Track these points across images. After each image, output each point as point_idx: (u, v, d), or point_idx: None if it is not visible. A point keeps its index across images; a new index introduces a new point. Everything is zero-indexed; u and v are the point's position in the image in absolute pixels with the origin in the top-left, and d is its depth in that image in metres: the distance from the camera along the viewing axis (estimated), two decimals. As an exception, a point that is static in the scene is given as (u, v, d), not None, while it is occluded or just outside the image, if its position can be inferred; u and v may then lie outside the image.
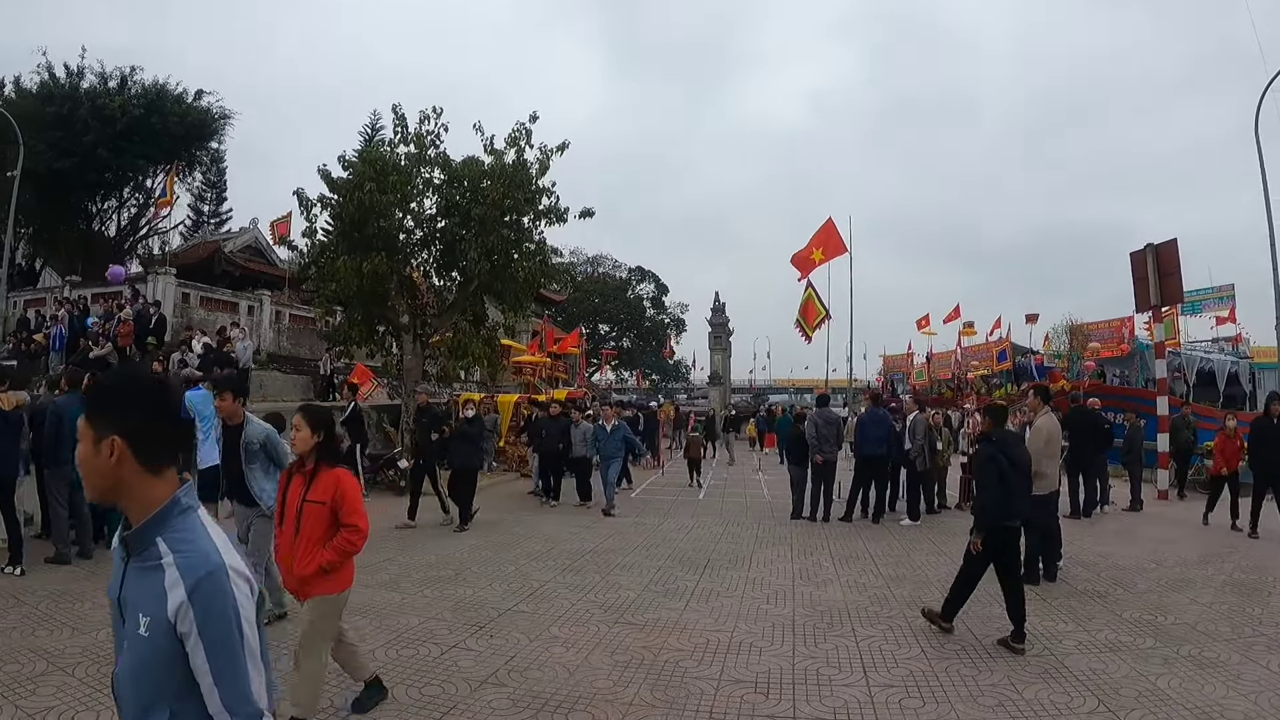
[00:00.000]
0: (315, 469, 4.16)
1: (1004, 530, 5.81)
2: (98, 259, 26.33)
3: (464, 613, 6.46)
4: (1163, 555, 8.97)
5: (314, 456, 4.17)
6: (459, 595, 7.08)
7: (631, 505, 13.84)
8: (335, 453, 4.31)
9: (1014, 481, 5.80)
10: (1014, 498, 5.80)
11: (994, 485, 5.77)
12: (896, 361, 50.90)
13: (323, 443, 4.18)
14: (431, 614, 6.42)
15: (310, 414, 4.27)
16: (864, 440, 11.74)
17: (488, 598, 7.01)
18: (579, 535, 10.43)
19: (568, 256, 64.97)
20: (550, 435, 13.48)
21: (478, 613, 6.49)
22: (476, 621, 6.22)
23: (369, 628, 5.94)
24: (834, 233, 25.17)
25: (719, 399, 40.30)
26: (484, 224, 16.74)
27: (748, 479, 18.73)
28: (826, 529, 11.08)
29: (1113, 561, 8.60)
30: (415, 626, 6.06)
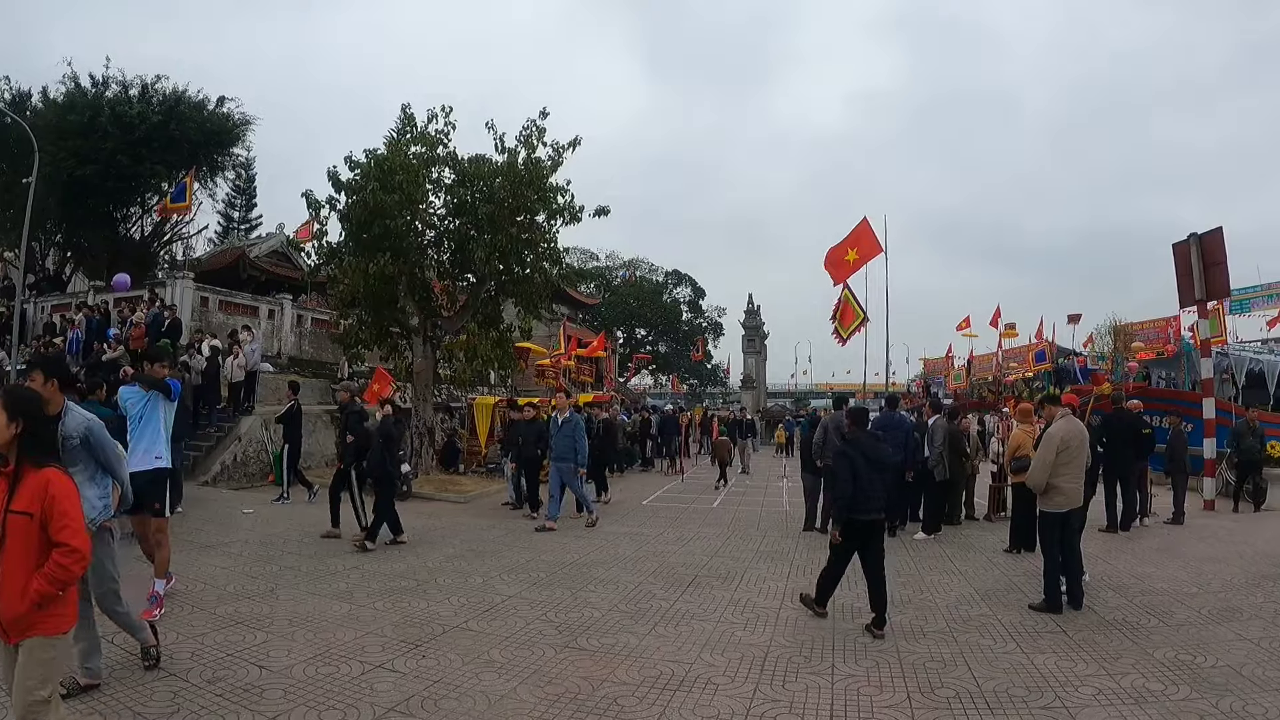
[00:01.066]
0: (18, 470, 3.16)
1: (863, 523, 6.28)
2: (124, 265, 26.48)
3: (407, 628, 5.95)
4: (1206, 578, 7.93)
5: (14, 452, 3.19)
6: (411, 609, 6.57)
7: (637, 514, 13.13)
8: (44, 447, 3.31)
9: (867, 478, 6.20)
10: (869, 493, 6.22)
11: (846, 480, 6.22)
12: (936, 365, 49.60)
13: (25, 434, 3.20)
14: (371, 629, 5.94)
15: (7, 398, 3.26)
16: None
17: (440, 613, 6.47)
18: (567, 546, 9.74)
19: (603, 260, 64.70)
20: (527, 441, 12.60)
21: (421, 629, 5.96)
22: (415, 639, 5.70)
23: (299, 640, 5.54)
24: (869, 233, 24.38)
25: (752, 403, 39.35)
26: (494, 223, 16.21)
27: (770, 487, 17.86)
28: (812, 539, 10.20)
29: (1149, 584, 7.61)
30: (347, 642, 5.58)
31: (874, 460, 6.37)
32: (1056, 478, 6.72)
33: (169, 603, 6.32)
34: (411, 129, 16.76)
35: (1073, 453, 6.80)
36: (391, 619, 6.23)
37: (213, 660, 5.10)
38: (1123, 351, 31.39)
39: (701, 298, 65.21)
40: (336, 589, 7.18)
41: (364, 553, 8.91)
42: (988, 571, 8.35)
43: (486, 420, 20.08)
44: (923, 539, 10.35)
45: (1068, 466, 6.75)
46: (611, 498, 14.54)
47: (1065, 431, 6.87)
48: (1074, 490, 6.79)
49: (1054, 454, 6.75)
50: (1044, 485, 6.79)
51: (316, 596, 6.87)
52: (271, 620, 6.06)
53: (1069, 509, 6.76)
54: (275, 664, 5.06)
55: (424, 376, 17.41)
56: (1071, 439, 6.84)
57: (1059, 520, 6.77)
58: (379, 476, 9.67)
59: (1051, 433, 6.98)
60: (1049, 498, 6.82)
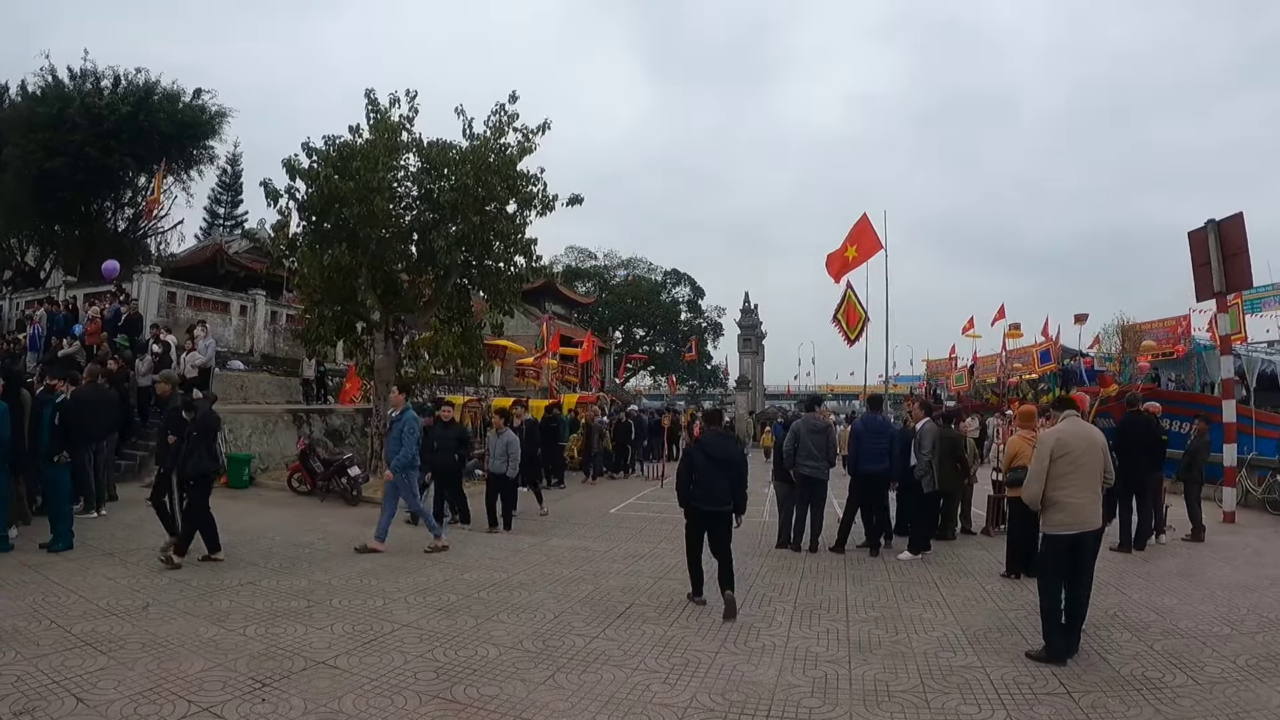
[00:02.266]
0: None
1: (706, 513, 6.84)
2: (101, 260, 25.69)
3: (265, 661, 5.13)
4: (1239, 613, 6.67)
5: None
6: (283, 636, 5.71)
7: (598, 525, 11.92)
8: None
9: (706, 474, 6.78)
10: (709, 488, 6.79)
11: (685, 474, 6.96)
12: (939, 366, 48.38)
13: None
14: (226, 659, 5.15)
15: None
16: (859, 454, 9.60)
17: (314, 643, 5.57)
18: (499, 564, 8.58)
19: (601, 259, 63.58)
20: (444, 446, 11.16)
21: (281, 663, 5.12)
22: (267, 676, 4.88)
23: (139, 670, 4.87)
24: (869, 229, 23.39)
25: (747, 404, 38.07)
26: (456, 211, 15.09)
27: (754, 494, 16.48)
28: (809, 563, 8.96)
29: (1171, 622, 6.35)
30: (191, 675, 4.84)
31: (716, 458, 6.86)
32: (1056, 490, 5.48)
33: (26, 619, 5.81)
34: (376, 114, 15.65)
35: (1076, 459, 5.50)
36: (255, 648, 5.39)
37: (35, 687, 4.52)
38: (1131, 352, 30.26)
39: (701, 297, 63.96)
40: (215, 608, 6.36)
41: (172, 568, 7.74)
42: (979, 604, 7.09)
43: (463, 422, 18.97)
44: (908, 559, 9.10)
45: (1071, 477, 5.47)
46: (548, 510, 12.75)
47: (1064, 434, 5.62)
48: (1081, 505, 5.47)
49: (1046, 461, 5.52)
50: (1039, 499, 5.58)
51: (188, 616, 6.10)
52: (124, 643, 5.40)
53: (1078, 530, 5.47)
54: (96, 697, 4.42)
55: (385, 374, 16.25)
56: (1072, 443, 5.56)
57: (1063, 545, 5.51)
58: (195, 475, 8.28)
59: (1045, 436, 5.78)
60: (1049, 515, 5.57)
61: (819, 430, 9.75)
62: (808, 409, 10.34)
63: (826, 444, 9.75)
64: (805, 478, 9.67)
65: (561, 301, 47.50)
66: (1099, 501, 5.57)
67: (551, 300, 45.45)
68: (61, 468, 8.87)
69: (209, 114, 28.22)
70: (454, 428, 11.56)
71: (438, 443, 11.06)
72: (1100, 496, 5.59)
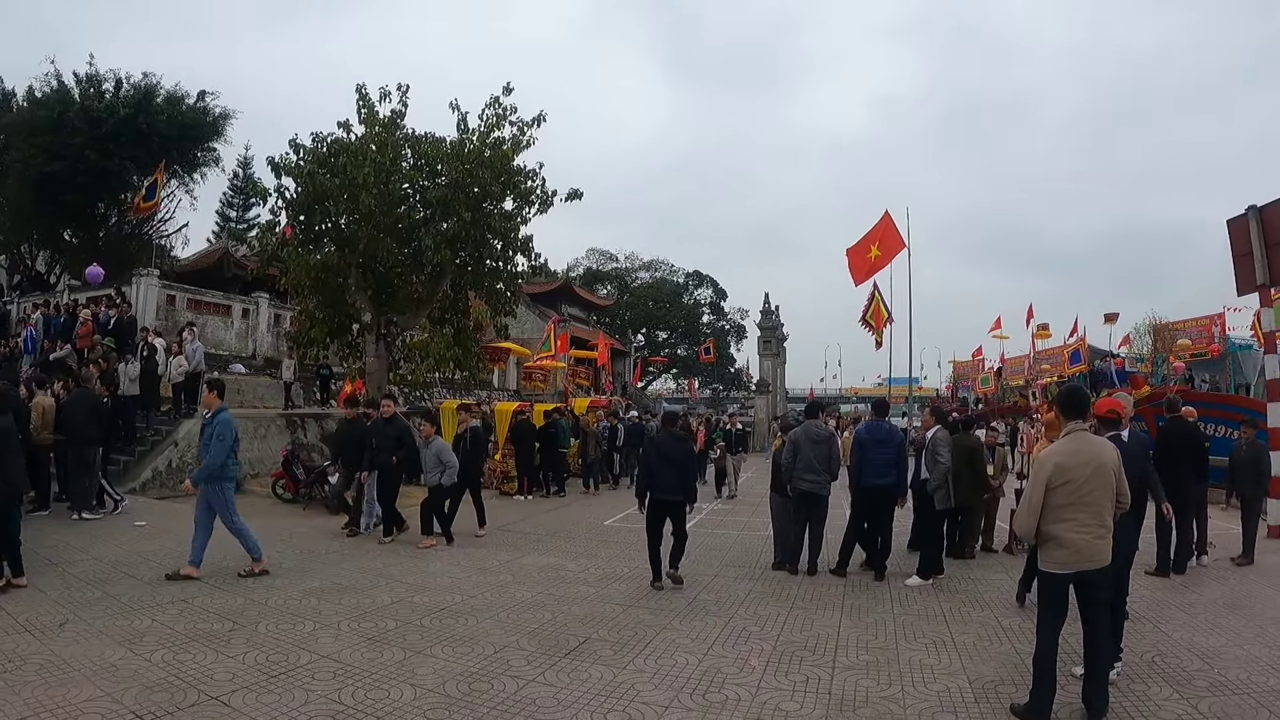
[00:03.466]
0: None
1: (660, 501, 7.89)
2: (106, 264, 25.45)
3: (156, 694, 4.63)
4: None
5: None
6: (189, 665, 5.18)
7: (587, 538, 11.10)
8: None
9: (657, 469, 7.91)
10: (658, 480, 7.87)
11: (643, 470, 8.28)
12: (965, 368, 47.08)
13: None
14: (117, 689, 4.68)
15: None
16: (863, 465, 8.58)
17: (217, 674, 5.03)
18: (459, 584, 7.79)
19: (622, 261, 62.80)
20: (381, 446, 10.15)
21: (171, 696, 4.62)
22: (148, 711, 4.39)
23: (21, 697, 4.49)
24: (891, 228, 22.72)
25: (767, 408, 36.99)
26: (445, 207, 14.40)
27: (762, 505, 15.49)
28: (803, 589, 7.99)
29: (1218, 672, 5.33)
30: (71, 705, 4.41)
31: (665, 455, 7.98)
32: (1055, 523, 4.52)
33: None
34: (367, 109, 15.01)
35: (1078, 488, 4.50)
36: (153, 677, 4.91)
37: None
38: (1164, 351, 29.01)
39: (723, 299, 62.87)
40: (133, 629, 5.93)
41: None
42: (992, 645, 6.07)
43: (451, 427, 18.20)
44: (917, 586, 8.10)
45: (1072, 509, 4.48)
46: (486, 531, 11.12)
47: (1064, 457, 4.59)
48: (1084, 542, 4.48)
49: (1042, 490, 4.56)
50: (1033, 533, 4.63)
51: (101, 637, 5.68)
52: (22, 663, 5.07)
53: (1078, 569, 4.50)
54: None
55: (377, 377, 15.60)
56: (1074, 468, 4.54)
57: (1062, 586, 4.57)
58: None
59: (1042, 459, 4.75)
60: (1046, 551, 4.61)
61: (820, 440, 8.79)
62: (808, 415, 9.38)
63: (829, 455, 8.74)
64: (804, 494, 8.73)
65: (579, 304, 46.81)
66: (1107, 535, 4.55)
67: (569, 303, 44.78)
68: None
69: (212, 116, 27.82)
70: (395, 424, 10.44)
71: (376, 440, 10.18)
72: (1110, 528, 4.56)
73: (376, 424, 10.43)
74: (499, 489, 16.41)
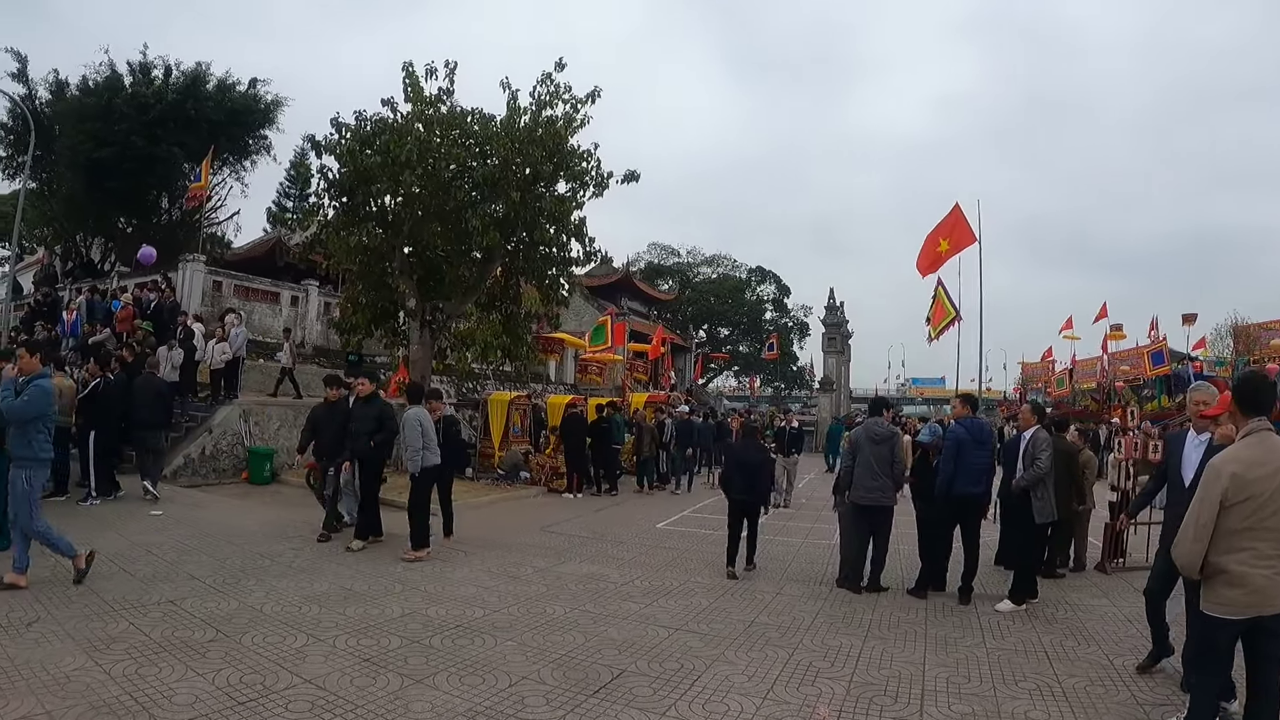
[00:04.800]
0: None
1: (738, 501, 8.54)
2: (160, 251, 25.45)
3: (98, 717, 3.96)
4: None
5: None
6: (151, 681, 4.48)
7: (635, 543, 10.14)
8: None
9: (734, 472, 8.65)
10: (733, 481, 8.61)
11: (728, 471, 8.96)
12: (1035, 370, 44.93)
13: None
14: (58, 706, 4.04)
15: None
16: (958, 470, 7.31)
17: (178, 695, 4.28)
18: (486, 594, 6.89)
19: (684, 256, 61.74)
20: (360, 430, 8.75)
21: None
22: None
23: None
24: (961, 220, 21.70)
25: (831, 408, 35.56)
26: (493, 188, 13.59)
27: (827, 510, 14.34)
28: (878, 613, 6.87)
29: None
30: None
31: (741, 461, 8.59)
32: (1226, 553, 3.41)
33: None
34: (413, 86, 14.30)
35: (1261, 506, 3.37)
36: (106, 694, 4.22)
37: None
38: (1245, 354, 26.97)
39: (787, 295, 61.00)
40: (104, 633, 5.27)
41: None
42: (1108, 691, 4.92)
43: (501, 419, 17.47)
44: (1009, 612, 6.95)
45: (1252, 534, 3.37)
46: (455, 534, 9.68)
47: (1244, 464, 3.44)
48: (1264, 580, 3.36)
49: (1215, 507, 3.44)
50: (1198, 565, 3.51)
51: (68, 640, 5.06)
52: None
53: (1254, 613, 3.40)
54: None
55: (421, 366, 14.91)
56: (1259, 479, 3.40)
57: (1229, 633, 3.49)
58: None
59: (1215, 467, 3.55)
60: (1213, 589, 3.50)
61: (881, 440, 7.71)
62: (871, 412, 8.35)
63: (891, 458, 7.68)
64: (861, 507, 7.72)
65: (640, 298, 45.91)
66: None
67: (629, 296, 43.93)
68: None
69: (264, 103, 27.56)
70: (374, 404, 9.00)
71: (355, 425, 8.83)
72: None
73: (355, 405, 9.12)
74: (548, 486, 15.59)
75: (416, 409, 8.74)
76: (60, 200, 26.98)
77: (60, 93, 25.90)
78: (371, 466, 8.90)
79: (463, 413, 20.10)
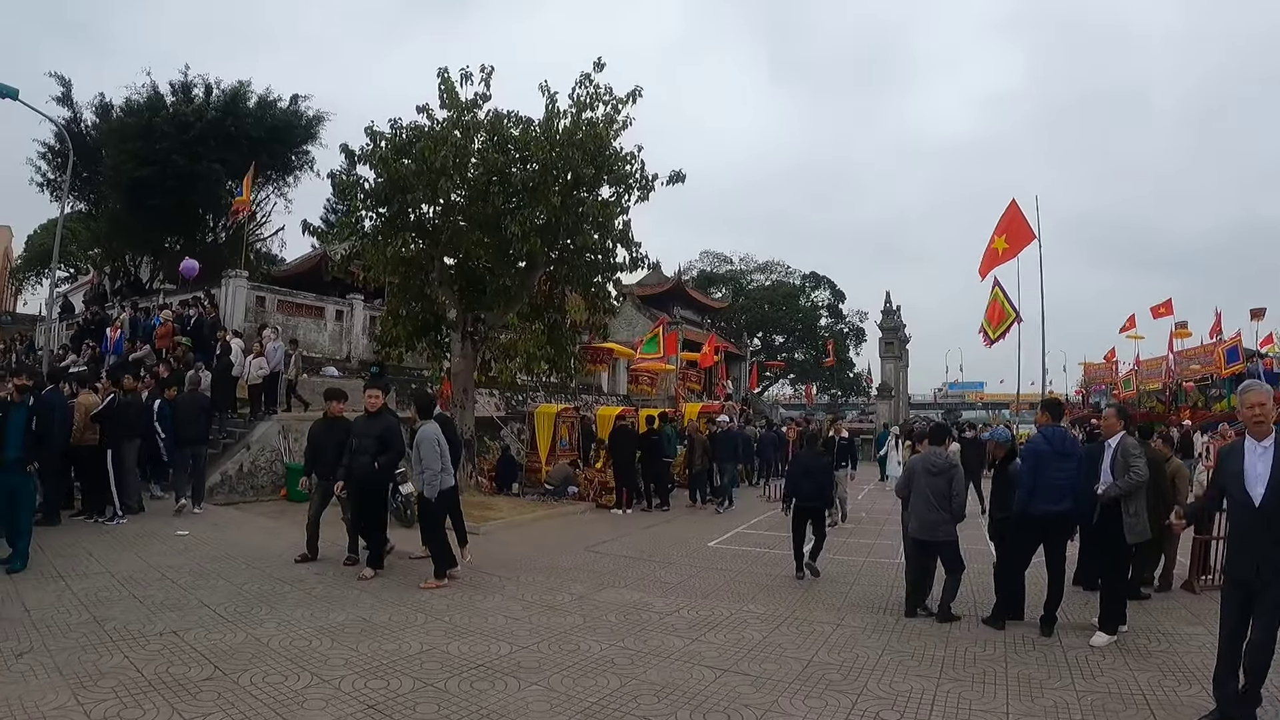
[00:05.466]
0: None
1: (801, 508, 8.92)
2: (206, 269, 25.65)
3: None
4: None
5: None
6: None
7: (684, 563, 9.49)
8: None
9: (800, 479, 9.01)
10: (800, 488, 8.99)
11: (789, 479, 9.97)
12: (1097, 371, 43.11)
13: None
14: None
15: None
16: (1037, 486, 6.49)
17: None
18: (515, 626, 6.28)
19: (736, 264, 60.92)
20: (360, 448, 7.91)
21: None
22: None
23: None
24: (1019, 217, 20.98)
25: (890, 415, 34.37)
26: (534, 193, 13.08)
27: (888, 525, 13.43)
28: (953, 648, 6.08)
29: None
30: None
31: (806, 469, 9.03)
32: None
33: None
34: (448, 92, 13.89)
35: None
36: None
37: None
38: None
39: (841, 301, 59.72)
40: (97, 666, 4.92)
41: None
42: None
43: (548, 432, 16.96)
44: (1103, 645, 6.10)
45: None
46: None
47: None
48: None
49: None
50: None
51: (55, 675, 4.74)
52: None
53: None
54: None
55: (463, 379, 14.47)
56: None
57: None
58: None
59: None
60: None
61: (939, 471, 7.03)
62: (933, 441, 7.52)
63: (949, 490, 6.98)
64: (920, 541, 7.11)
65: (693, 306, 45.18)
66: None
67: (681, 305, 43.25)
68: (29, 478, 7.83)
69: (305, 119, 27.65)
70: (380, 420, 8.04)
71: (356, 441, 7.94)
72: None
73: (358, 423, 8.24)
74: (596, 501, 15.00)
75: (431, 425, 8.04)
76: (106, 220, 27.40)
77: (106, 115, 26.31)
78: (374, 491, 8.08)
79: (510, 426, 19.69)
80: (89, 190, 27.30)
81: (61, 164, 26.46)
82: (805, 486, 8.84)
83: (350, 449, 7.99)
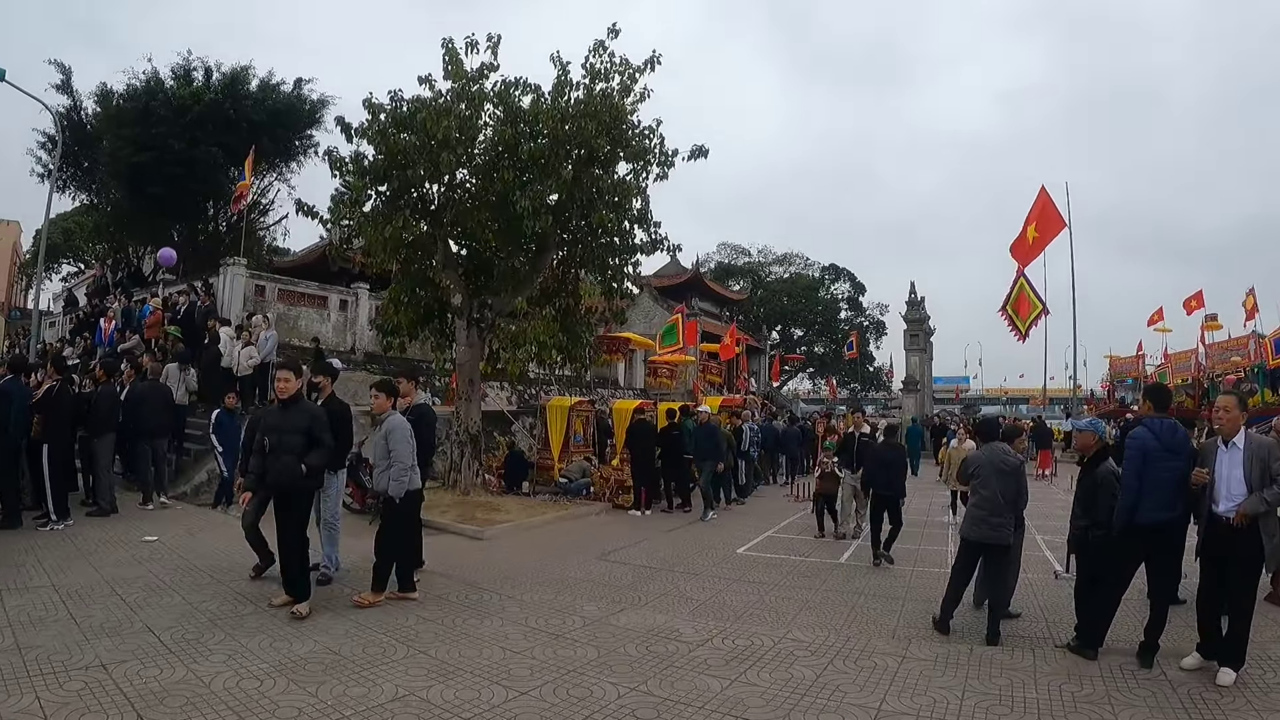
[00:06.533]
0: None
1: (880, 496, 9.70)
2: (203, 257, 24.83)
3: None
4: None
5: None
6: None
7: (714, 572, 8.41)
8: None
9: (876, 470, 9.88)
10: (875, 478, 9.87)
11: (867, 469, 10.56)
12: (1124, 365, 41.83)
13: None
14: None
15: None
16: (1143, 491, 5.39)
17: None
18: (510, 662, 5.18)
19: (755, 255, 59.74)
20: (279, 445, 6.13)
21: None
22: None
23: None
24: (1049, 205, 20.55)
25: (915, 409, 33.07)
26: (544, 168, 12.03)
27: (930, 529, 12.28)
28: (1039, 684, 5.00)
29: None
30: None
31: (881, 460, 9.90)
32: None
33: None
34: (452, 63, 12.86)
35: None
36: None
37: None
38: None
39: (862, 294, 58.32)
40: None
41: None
42: None
43: (561, 427, 15.89)
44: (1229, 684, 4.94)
45: None
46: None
47: None
48: None
49: None
50: None
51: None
52: None
53: None
54: None
55: (469, 369, 13.46)
56: None
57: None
58: None
59: None
60: None
61: (1012, 470, 6.36)
62: (1006, 437, 6.92)
63: (1017, 491, 6.37)
64: (972, 543, 6.38)
65: (711, 298, 44.05)
66: None
67: (700, 296, 42.13)
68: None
69: (309, 103, 26.73)
70: (302, 411, 6.31)
71: (269, 438, 6.23)
72: None
73: (270, 414, 6.51)
74: (612, 501, 13.95)
75: (398, 415, 6.85)
76: (108, 211, 26.66)
77: (107, 103, 25.55)
78: (299, 502, 6.28)
79: (521, 420, 18.67)
80: (90, 180, 26.51)
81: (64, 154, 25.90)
82: (882, 477, 9.61)
83: (264, 448, 6.28)
